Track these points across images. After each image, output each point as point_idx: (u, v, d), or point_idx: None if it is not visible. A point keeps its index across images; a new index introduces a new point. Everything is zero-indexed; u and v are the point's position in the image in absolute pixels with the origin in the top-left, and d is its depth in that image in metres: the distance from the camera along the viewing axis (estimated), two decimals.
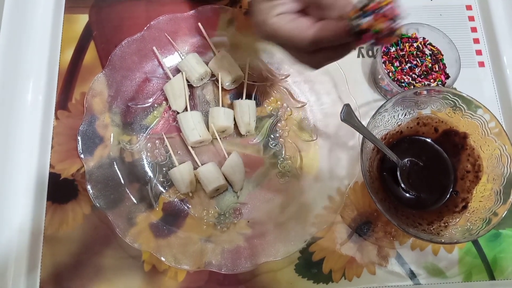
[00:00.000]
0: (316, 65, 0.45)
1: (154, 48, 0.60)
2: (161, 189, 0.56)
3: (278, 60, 0.61)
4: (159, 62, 0.60)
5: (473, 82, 0.64)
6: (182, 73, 0.58)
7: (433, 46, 0.62)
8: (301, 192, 0.57)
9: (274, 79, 0.61)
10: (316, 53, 0.42)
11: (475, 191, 0.53)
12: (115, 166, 0.56)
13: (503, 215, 0.48)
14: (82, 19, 0.63)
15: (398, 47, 0.61)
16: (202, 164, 0.56)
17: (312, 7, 0.42)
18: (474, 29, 0.67)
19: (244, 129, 0.58)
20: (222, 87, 0.58)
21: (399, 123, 0.56)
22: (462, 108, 0.53)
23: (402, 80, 0.59)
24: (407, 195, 0.55)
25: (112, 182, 0.55)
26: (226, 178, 0.56)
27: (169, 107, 0.59)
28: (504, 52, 0.64)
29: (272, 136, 0.60)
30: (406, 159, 0.55)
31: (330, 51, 0.42)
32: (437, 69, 0.60)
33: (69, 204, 0.56)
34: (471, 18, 0.68)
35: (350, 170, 0.57)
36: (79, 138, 0.56)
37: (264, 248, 0.53)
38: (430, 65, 0.60)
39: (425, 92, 0.53)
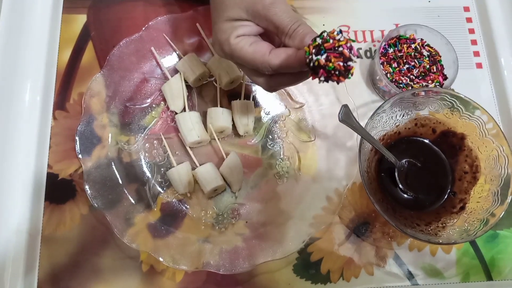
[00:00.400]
0: (271, 88, 0.46)
1: (152, 48, 0.60)
2: (159, 189, 0.56)
3: None
4: (157, 63, 0.60)
5: (470, 84, 0.64)
6: (180, 74, 0.58)
7: (431, 48, 0.62)
8: (299, 192, 0.57)
9: None
10: (273, 77, 0.44)
11: (472, 192, 0.53)
12: (113, 167, 0.56)
13: (501, 216, 0.48)
14: (80, 20, 0.63)
15: (396, 48, 0.61)
16: (200, 165, 0.56)
17: (272, 32, 0.44)
18: (471, 31, 0.68)
19: (242, 129, 0.58)
20: (220, 88, 0.58)
21: (397, 124, 0.56)
22: (460, 109, 0.53)
23: (400, 81, 0.59)
24: (405, 196, 0.55)
25: (110, 182, 0.55)
26: (224, 179, 0.56)
27: (167, 108, 0.59)
28: (501, 54, 0.64)
29: (270, 136, 0.60)
30: (404, 160, 0.55)
31: (287, 76, 0.43)
32: (435, 70, 0.60)
33: (67, 205, 0.55)
34: (469, 20, 0.68)
35: (348, 170, 0.57)
36: (77, 138, 0.55)
37: (262, 248, 0.53)
38: (428, 66, 0.61)
39: (423, 93, 0.53)
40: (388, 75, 0.60)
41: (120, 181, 0.55)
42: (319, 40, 0.36)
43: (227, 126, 0.57)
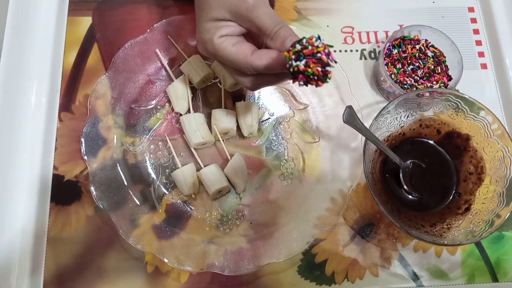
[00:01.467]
0: (253, 87, 0.47)
1: (157, 50, 0.60)
2: (164, 190, 0.56)
3: None
4: (162, 64, 0.60)
5: (475, 84, 0.64)
6: (184, 75, 0.58)
7: (436, 48, 0.62)
8: (303, 193, 0.57)
9: None
10: (255, 77, 0.45)
11: (478, 193, 0.53)
12: (118, 168, 0.56)
13: (506, 217, 0.48)
14: (85, 22, 0.63)
15: (400, 49, 0.61)
16: (204, 166, 0.56)
17: (254, 33, 0.45)
18: (476, 31, 0.67)
19: (247, 131, 0.58)
20: (224, 89, 0.58)
21: (401, 125, 0.56)
22: (464, 110, 0.53)
23: (405, 82, 0.59)
24: (410, 197, 0.55)
25: (115, 183, 0.55)
26: (228, 180, 0.56)
27: (172, 109, 0.59)
28: (506, 54, 0.64)
29: (274, 138, 0.60)
30: (408, 161, 0.55)
31: (268, 76, 0.45)
32: (439, 71, 0.60)
33: (73, 206, 0.56)
34: (473, 20, 0.68)
35: (352, 172, 0.57)
36: (82, 140, 0.56)
37: (267, 249, 0.53)
38: (432, 67, 0.60)
39: (427, 94, 0.53)
40: (393, 76, 0.60)
41: (125, 183, 0.55)
42: (298, 47, 0.38)
43: (232, 128, 0.57)
